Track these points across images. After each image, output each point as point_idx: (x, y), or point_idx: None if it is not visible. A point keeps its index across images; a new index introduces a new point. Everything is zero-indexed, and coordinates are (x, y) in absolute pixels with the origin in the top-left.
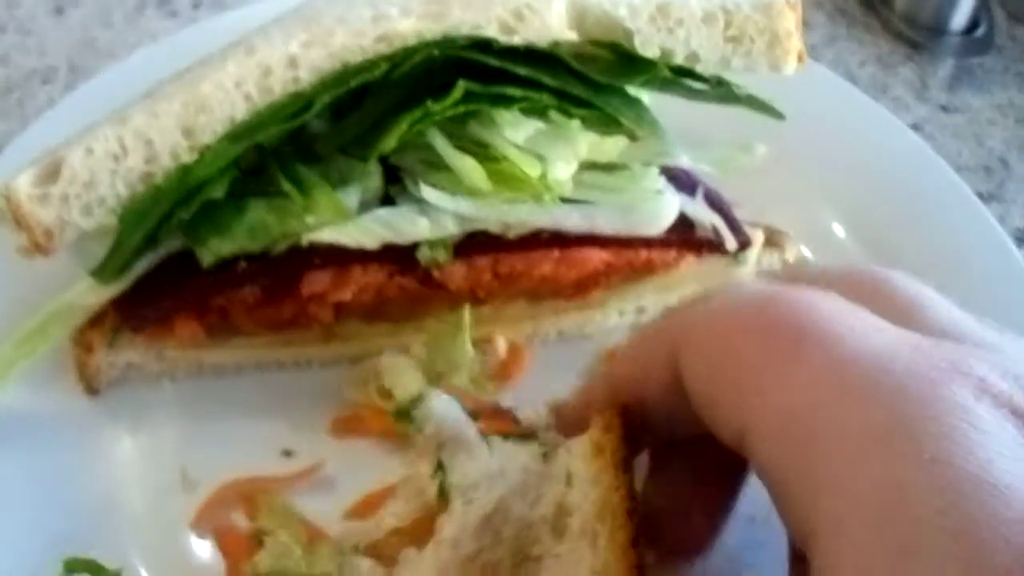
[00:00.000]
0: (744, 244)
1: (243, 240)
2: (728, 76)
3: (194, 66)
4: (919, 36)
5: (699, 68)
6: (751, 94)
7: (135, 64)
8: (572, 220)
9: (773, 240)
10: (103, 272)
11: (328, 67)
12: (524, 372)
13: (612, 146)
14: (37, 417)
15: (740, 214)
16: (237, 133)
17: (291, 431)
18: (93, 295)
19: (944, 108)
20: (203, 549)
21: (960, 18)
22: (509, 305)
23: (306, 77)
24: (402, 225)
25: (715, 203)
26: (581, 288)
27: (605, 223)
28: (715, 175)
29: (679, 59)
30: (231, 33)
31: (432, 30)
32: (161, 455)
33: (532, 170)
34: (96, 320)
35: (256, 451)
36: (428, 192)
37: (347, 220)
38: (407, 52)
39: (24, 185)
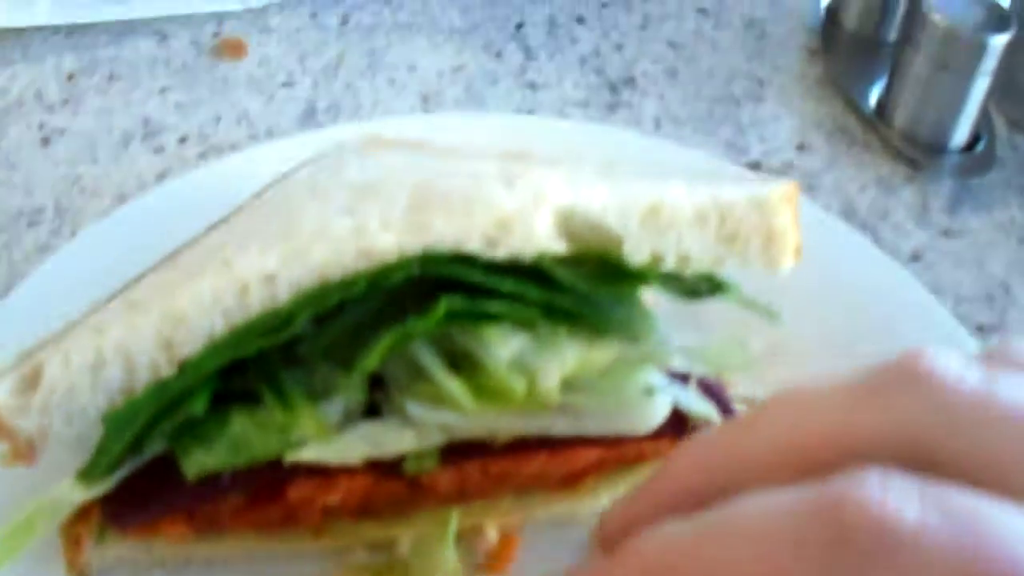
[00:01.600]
0: None
1: (226, 456)
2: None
3: (177, 251)
4: (919, 155)
5: (690, 269)
6: (744, 296)
7: (120, 220)
8: (559, 426)
9: None
10: (88, 475)
11: (307, 283)
12: (514, 560)
13: (602, 356)
14: None
15: (737, 387)
16: (216, 348)
17: None
18: (79, 493)
19: (945, 233)
20: None
21: (960, 134)
22: (499, 499)
23: (284, 294)
24: (386, 440)
25: (709, 390)
26: (571, 480)
27: (593, 427)
28: (710, 375)
29: (670, 262)
30: (218, 183)
31: (413, 245)
32: None
33: (518, 386)
34: (84, 513)
35: None
36: (414, 409)
37: (329, 439)
38: (387, 269)
39: (2, 395)
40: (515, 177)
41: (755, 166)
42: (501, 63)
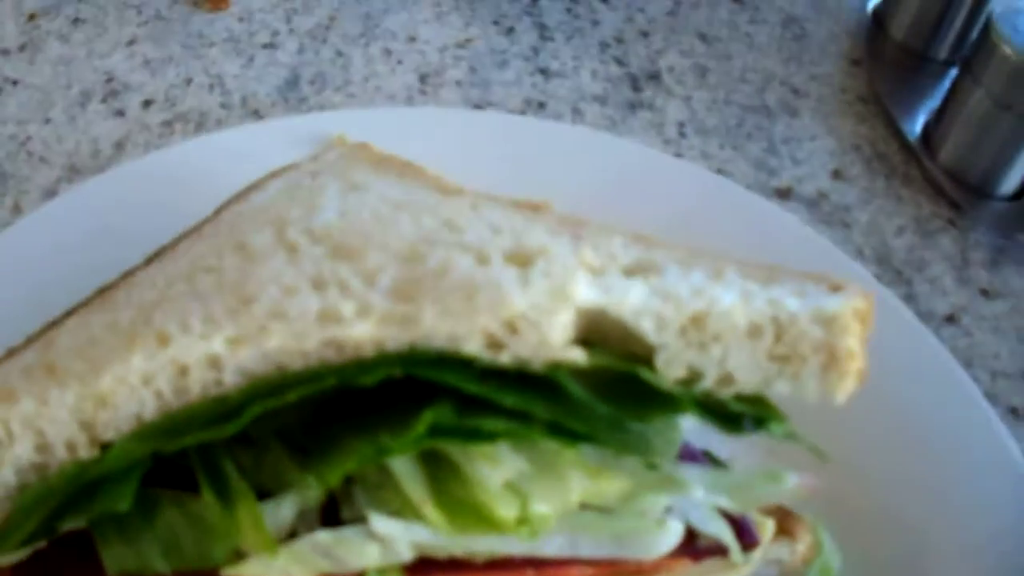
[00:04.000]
0: (750, 546)
1: (151, 557)
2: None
3: (112, 283)
4: (962, 197)
5: (731, 390)
6: (793, 431)
7: (64, 205)
8: (552, 548)
9: (785, 527)
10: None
11: (260, 369)
12: None
13: (611, 487)
14: None
15: None
16: (146, 433)
17: None
18: None
19: (985, 292)
20: None
21: (1012, 181)
22: None
23: (232, 380)
24: (346, 555)
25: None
26: None
27: (592, 550)
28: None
29: (709, 380)
30: (176, 171)
31: (396, 340)
32: None
33: (508, 513)
34: None
35: None
36: (381, 523)
37: (275, 552)
38: (362, 367)
39: None
40: (531, 258)
41: (785, 192)
42: (512, 41)
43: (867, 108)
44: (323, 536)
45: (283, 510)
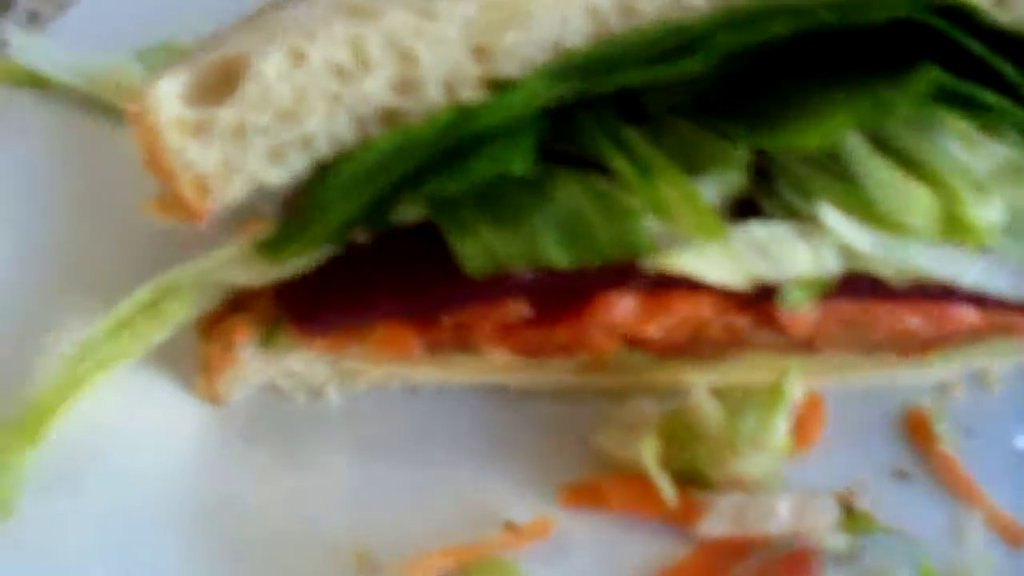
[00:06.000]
0: None
1: (546, 248)
2: None
3: None
4: None
5: None
6: None
7: None
8: (971, 275)
9: None
10: (282, 248)
11: None
12: (820, 433)
13: None
14: (140, 436)
15: None
16: (565, 69)
17: (512, 492)
18: (248, 273)
19: None
20: None
21: None
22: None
23: (700, 3)
24: (780, 254)
25: None
26: (929, 346)
27: (1005, 284)
28: None
29: None
30: None
31: None
32: (323, 513)
33: (985, 213)
34: (238, 305)
35: (462, 519)
36: (832, 215)
37: (719, 238)
38: (864, 3)
39: (171, 99)
40: None
41: None
42: None
43: None
44: (759, 230)
45: (704, 192)
